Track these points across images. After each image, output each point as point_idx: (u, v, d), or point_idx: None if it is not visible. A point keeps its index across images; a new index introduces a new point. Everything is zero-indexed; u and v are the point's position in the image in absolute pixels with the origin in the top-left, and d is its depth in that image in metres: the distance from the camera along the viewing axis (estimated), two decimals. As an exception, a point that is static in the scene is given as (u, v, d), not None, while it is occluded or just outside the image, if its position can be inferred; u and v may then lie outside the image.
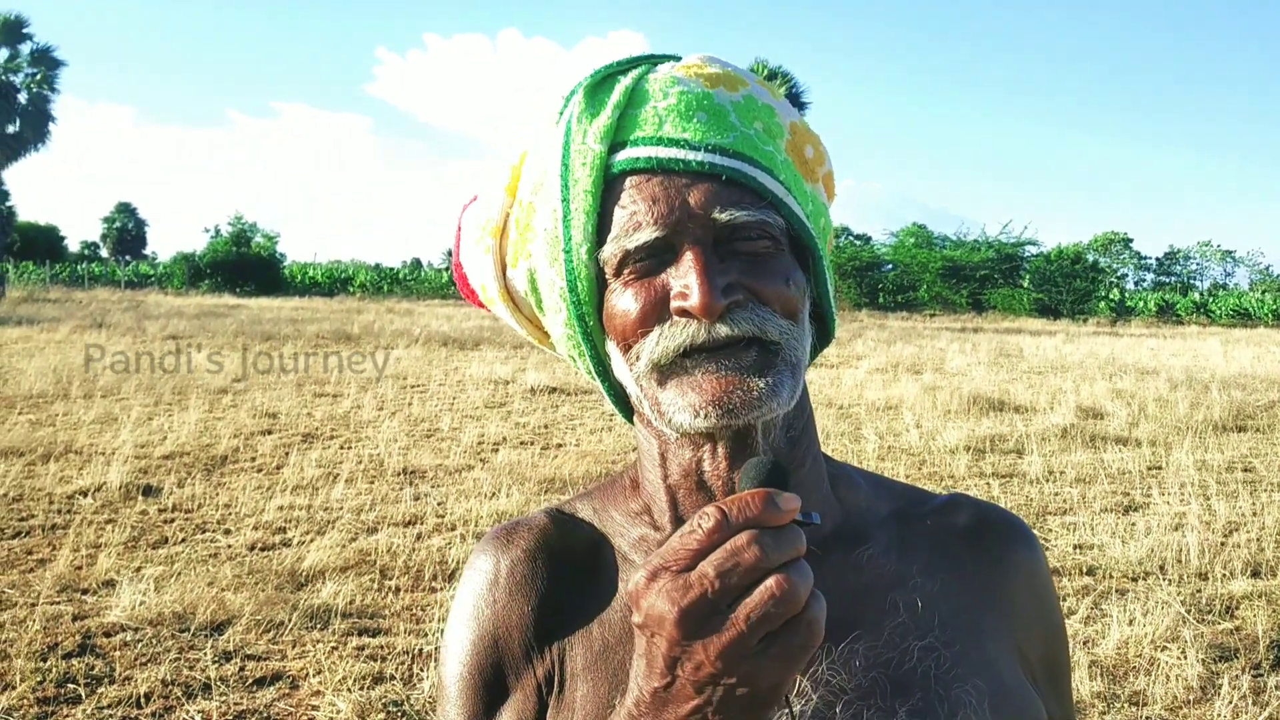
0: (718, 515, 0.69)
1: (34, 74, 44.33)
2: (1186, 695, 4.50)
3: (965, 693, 0.88)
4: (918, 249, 47.27)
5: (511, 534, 1.02)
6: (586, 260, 0.90)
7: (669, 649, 0.69)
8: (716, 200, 0.86)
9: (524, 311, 1.03)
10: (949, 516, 1.01)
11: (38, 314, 25.89)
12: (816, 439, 0.99)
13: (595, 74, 0.96)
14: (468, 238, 1.05)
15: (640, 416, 0.98)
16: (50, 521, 6.77)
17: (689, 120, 0.90)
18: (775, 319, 0.87)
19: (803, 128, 0.97)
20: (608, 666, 0.92)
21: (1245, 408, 12.80)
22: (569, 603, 0.97)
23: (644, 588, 0.70)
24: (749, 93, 0.95)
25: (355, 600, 5.41)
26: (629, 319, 0.88)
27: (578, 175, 0.90)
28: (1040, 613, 1.00)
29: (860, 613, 0.91)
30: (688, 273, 0.84)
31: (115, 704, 4.21)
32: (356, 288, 53.01)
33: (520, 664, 0.96)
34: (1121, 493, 8.32)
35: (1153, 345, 25.96)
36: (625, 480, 1.04)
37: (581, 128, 0.92)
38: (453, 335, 21.77)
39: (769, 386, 0.85)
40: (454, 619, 1.02)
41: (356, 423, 10.81)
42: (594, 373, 0.97)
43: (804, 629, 0.68)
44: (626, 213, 0.88)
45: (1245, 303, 48.56)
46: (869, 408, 12.54)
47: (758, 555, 0.67)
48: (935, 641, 0.90)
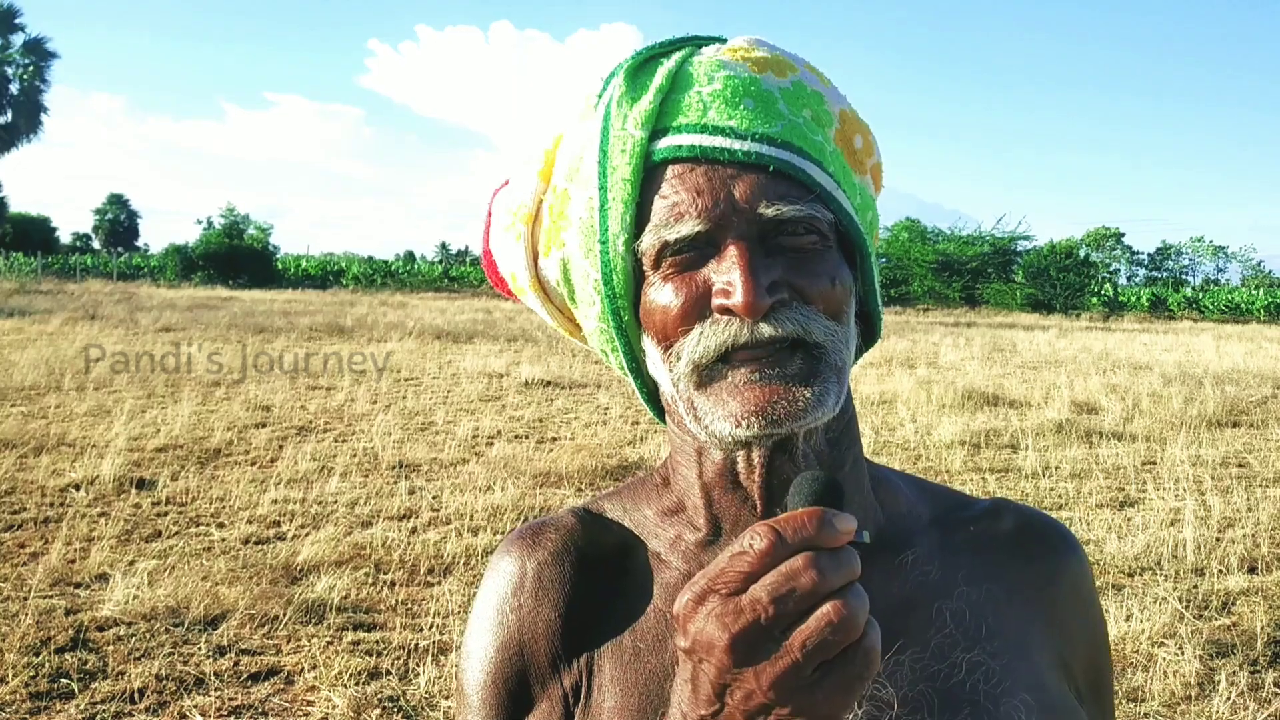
0: (771, 535, 0.64)
1: (26, 65, 44.15)
2: (1184, 691, 4.50)
3: (1014, 708, 0.84)
4: (911, 243, 47.31)
5: (538, 535, 0.97)
6: (623, 252, 0.86)
7: (718, 676, 0.66)
8: (763, 193, 0.83)
9: (555, 302, 0.98)
10: (993, 522, 0.97)
11: (29, 305, 25.79)
12: (859, 440, 0.95)
13: (636, 56, 0.91)
14: (498, 223, 1.00)
15: (673, 415, 0.94)
16: (43, 515, 6.73)
17: (735, 107, 0.86)
18: (820, 320, 0.83)
19: (852, 116, 0.94)
20: (638, 676, 0.88)
21: (1239, 403, 12.83)
22: (598, 607, 0.93)
23: (691, 610, 0.67)
24: (798, 79, 0.91)
25: (350, 595, 5.38)
26: (669, 315, 0.84)
27: (616, 162, 0.86)
28: (1086, 623, 0.97)
29: (905, 622, 0.88)
30: (731, 269, 0.81)
31: (109, 699, 4.18)
32: (350, 280, 52.92)
33: (546, 673, 0.92)
34: (1116, 488, 8.32)
35: (1145, 340, 26.00)
36: (655, 479, 1.00)
37: (621, 112, 0.87)
38: (446, 328, 21.73)
39: (815, 396, 0.81)
40: (476, 623, 0.97)
41: (351, 416, 10.77)
42: (627, 369, 0.93)
43: (861, 657, 0.64)
44: (668, 203, 0.84)
45: (1237, 298, 48.74)
46: (864, 402, 12.53)
47: (815, 580, 0.63)
48: (983, 654, 0.87)
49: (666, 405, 0.94)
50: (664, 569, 0.93)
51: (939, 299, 44.69)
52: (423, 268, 60.46)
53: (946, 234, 48.43)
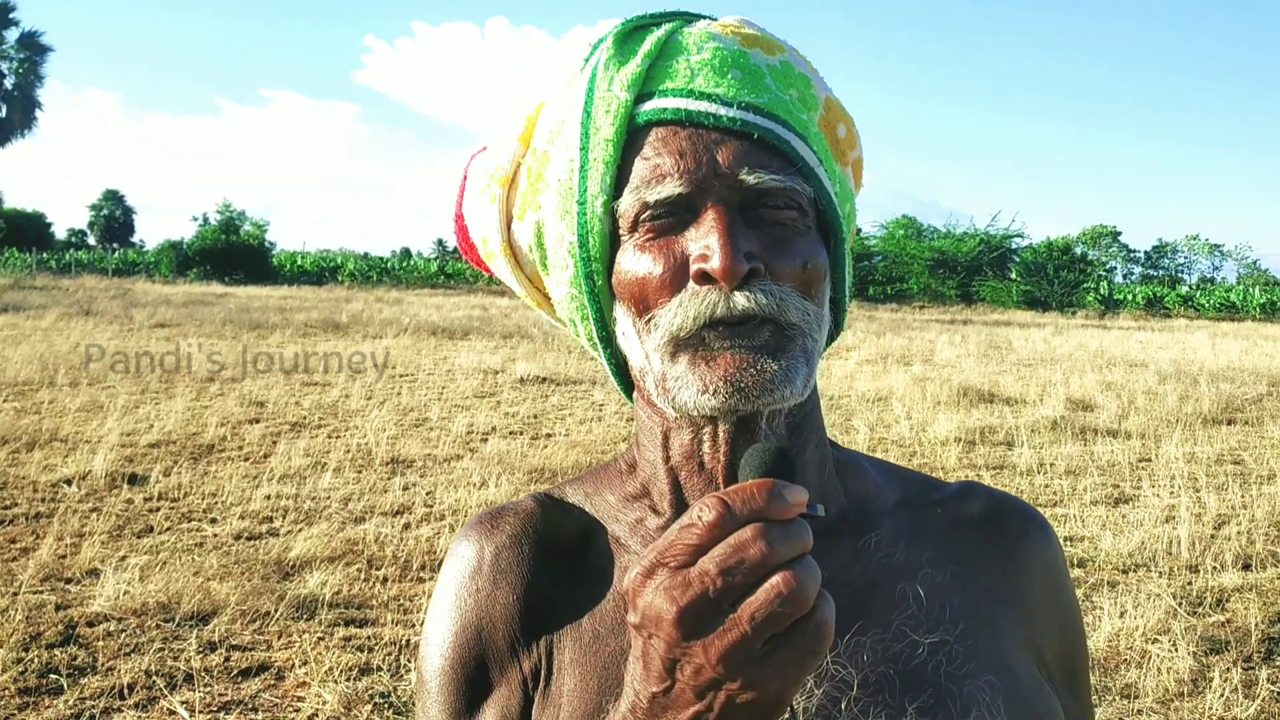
0: (719, 507, 0.63)
1: (21, 60, 44.07)
2: (1178, 688, 4.49)
3: (978, 689, 0.83)
4: (907, 240, 47.32)
5: (496, 519, 0.96)
6: (601, 214, 0.85)
7: (667, 650, 0.64)
8: (746, 160, 0.82)
9: (525, 270, 0.97)
10: (961, 505, 0.96)
11: (24, 301, 25.72)
12: (821, 425, 0.94)
13: (626, 23, 0.91)
14: (473, 186, 0.99)
15: (641, 392, 0.92)
16: (34, 510, 6.70)
17: (723, 76, 0.85)
18: (794, 299, 0.82)
19: (837, 105, 0.93)
20: (598, 659, 0.87)
21: (1234, 400, 12.83)
22: (557, 592, 0.92)
23: (640, 584, 0.65)
24: (786, 59, 0.90)
25: (342, 590, 5.36)
26: (648, 284, 0.83)
27: (600, 123, 0.85)
28: (1056, 607, 0.96)
29: (867, 604, 0.87)
30: (709, 233, 0.80)
31: (98, 695, 4.16)
32: (345, 277, 52.80)
33: (505, 657, 0.91)
34: (1111, 485, 8.32)
35: (1141, 338, 26.02)
36: (620, 464, 0.99)
37: (608, 74, 0.87)
38: (442, 325, 21.70)
39: (782, 371, 0.80)
40: (435, 609, 0.96)
41: (345, 412, 10.75)
42: (596, 339, 0.91)
43: (812, 631, 0.62)
44: (649, 164, 0.83)
45: (1233, 296, 48.77)
46: (859, 399, 12.53)
47: (763, 551, 0.62)
48: (946, 635, 0.86)
49: (635, 380, 0.92)
50: (624, 553, 0.93)
51: (935, 296, 44.71)
52: (419, 264, 60.35)
53: (942, 231, 48.45)
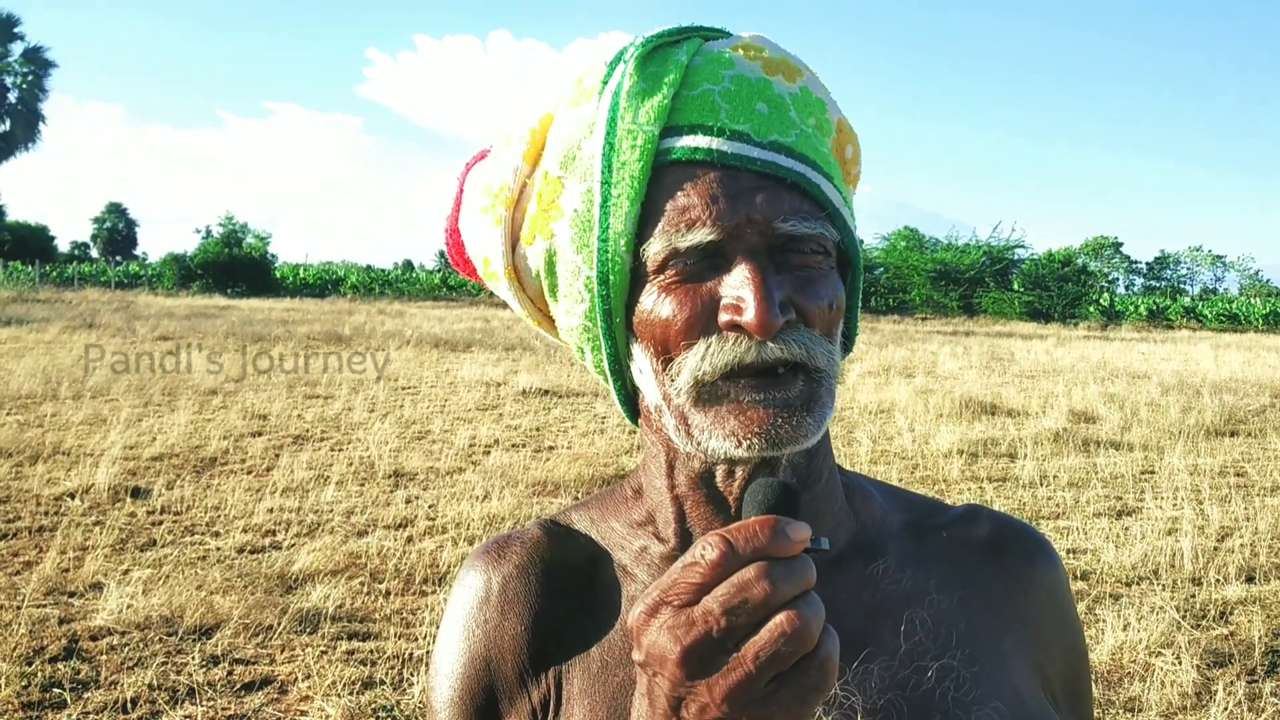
0: (722, 545, 0.63)
1: (25, 73, 44.23)
2: (1182, 701, 4.48)
3: (985, 716, 0.83)
4: (909, 252, 47.32)
5: (503, 548, 0.96)
6: (624, 252, 0.82)
7: (672, 689, 0.64)
8: (780, 208, 0.80)
9: (529, 292, 0.94)
10: (967, 529, 0.96)
11: (27, 314, 25.76)
12: (831, 451, 0.94)
13: (645, 43, 0.87)
14: (472, 202, 0.95)
15: (649, 422, 0.91)
16: (37, 523, 6.71)
17: (750, 110, 0.83)
18: (822, 344, 0.81)
19: (847, 126, 0.92)
20: (606, 689, 0.86)
21: (1237, 412, 12.81)
22: (565, 621, 0.91)
23: (644, 623, 0.65)
24: (805, 84, 0.88)
25: (345, 604, 5.36)
26: (672, 328, 0.81)
27: (625, 158, 0.82)
28: (1062, 631, 0.95)
29: (875, 630, 0.87)
30: (743, 284, 0.78)
31: (101, 709, 4.16)
32: (348, 289, 52.87)
33: (514, 688, 0.90)
34: (1114, 497, 8.31)
35: (1144, 349, 26.00)
36: (626, 489, 0.98)
37: (632, 105, 0.83)
38: (444, 337, 21.71)
39: (815, 422, 0.80)
40: (443, 639, 0.95)
41: (347, 425, 10.75)
42: (608, 370, 0.89)
43: (816, 668, 0.62)
44: (678, 207, 0.80)
45: (1236, 307, 48.75)
46: (862, 410, 12.53)
47: (767, 590, 0.62)
48: (954, 661, 0.85)
49: (645, 413, 0.91)
50: (631, 582, 0.92)
51: (937, 308, 44.70)
52: (421, 276, 60.35)
53: (944, 243, 48.45)
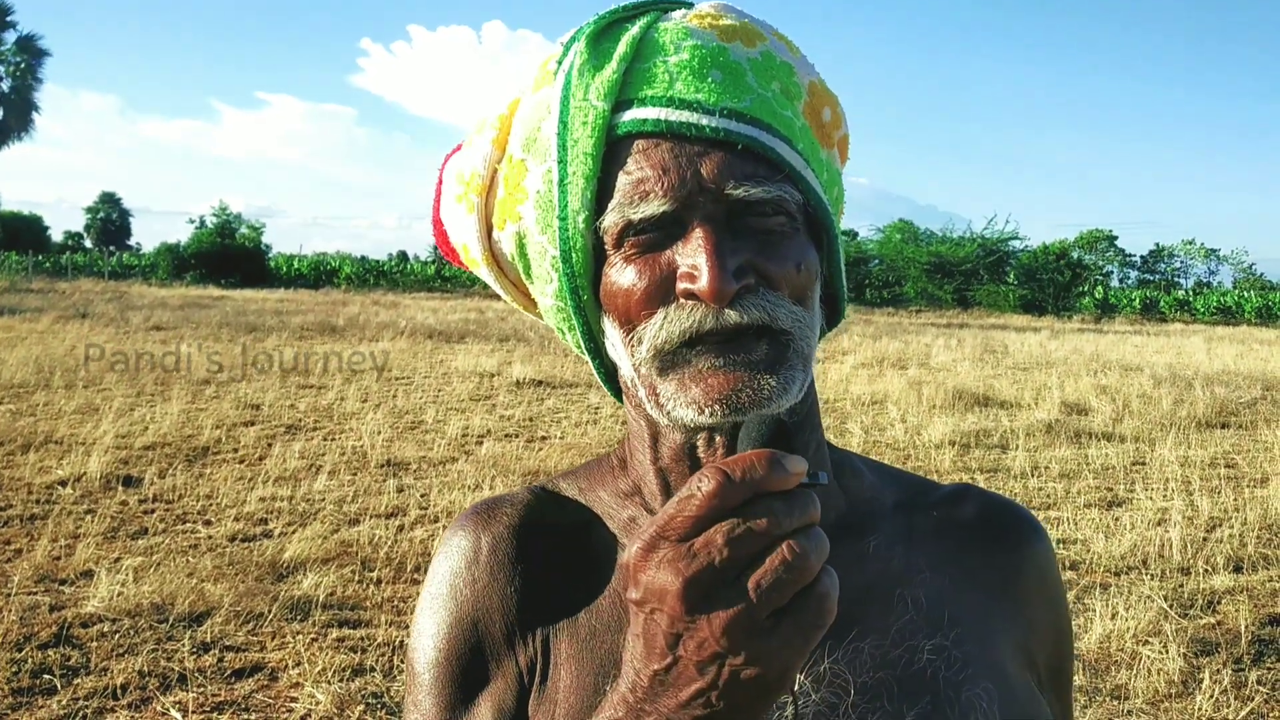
0: (719, 477, 0.61)
1: (18, 62, 44.03)
2: (1168, 689, 4.51)
3: (975, 696, 0.83)
4: (904, 244, 47.34)
5: (493, 510, 0.95)
6: (584, 229, 0.83)
7: (670, 625, 0.63)
8: (731, 173, 0.80)
9: (509, 276, 0.95)
10: (957, 507, 0.96)
11: (20, 304, 25.69)
12: (820, 426, 0.93)
13: (599, 20, 0.87)
14: (449, 192, 0.96)
15: (630, 398, 0.91)
16: (29, 512, 6.71)
17: (703, 79, 0.83)
18: (786, 305, 0.80)
19: (821, 88, 0.90)
20: (594, 655, 0.86)
21: (1228, 404, 12.85)
22: (554, 585, 0.91)
23: (641, 559, 0.64)
24: (767, 48, 0.87)
25: (336, 592, 5.37)
26: (632, 298, 0.81)
27: (577, 135, 0.83)
28: (1050, 612, 0.96)
29: (866, 608, 0.86)
30: (697, 252, 0.78)
31: (91, 695, 4.17)
32: (342, 280, 52.74)
33: (501, 649, 0.89)
34: (1105, 488, 8.34)
35: (1137, 342, 26.06)
36: (613, 460, 0.98)
37: (583, 82, 0.84)
38: (438, 328, 21.69)
39: (780, 384, 0.79)
40: (428, 600, 0.94)
41: (340, 414, 10.75)
42: (584, 348, 0.90)
43: (814, 603, 0.62)
44: (632, 180, 0.81)
45: (1229, 300, 48.86)
46: (854, 402, 12.55)
47: (767, 521, 0.61)
48: (945, 641, 0.85)
49: (624, 387, 0.92)
50: (619, 550, 0.92)
51: (932, 300, 44.73)
52: (415, 267, 60.21)
53: (939, 236, 48.48)
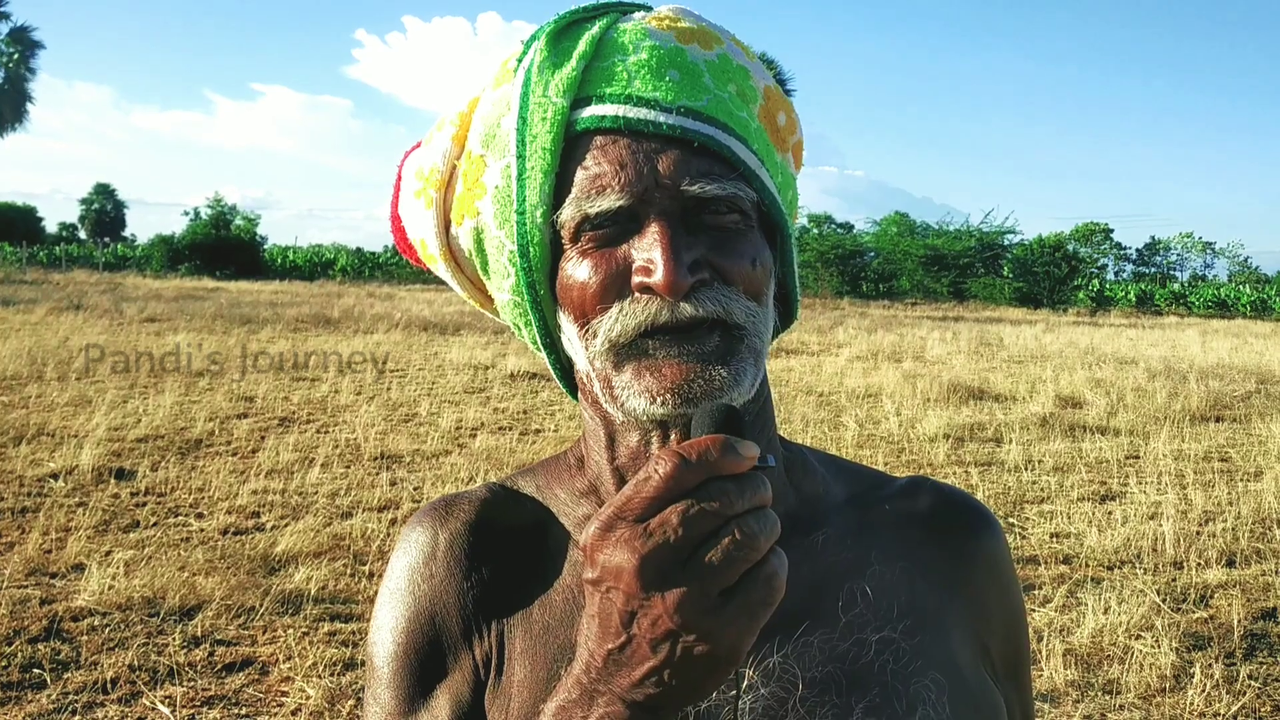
0: (675, 460, 0.64)
1: (11, 53, 43.90)
2: (1160, 684, 4.51)
3: (924, 687, 0.84)
4: (900, 237, 47.39)
5: (450, 506, 0.97)
6: (541, 224, 0.84)
7: (625, 603, 0.65)
8: (687, 170, 0.81)
9: (466, 273, 0.96)
10: (909, 501, 0.96)
11: (14, 295, 25.61)
12: (773, 422, 0.95)
13: (559, 19, 0.89)
14: (408, 187, 0.97)
15: (586, 395, 0.92)
16: (20, 504, 6.69)
17: (661, 78, 0.84)
18: (740, 300, 0.82)
19: (776, 93, 0.92)
20: (548, 650, 0.87)
21: (1222, 398, 12.87)
22: (510, 581, 0.92)
23: (599, 539, 0.66)
24: (723, 51, 0.89)
25: (328, 586, 5.36)
26: (587, 292, 0.82)
27: (536, 130, 0.84)
28: (1002, 602, 0.96)
29: (815, 602, 0.87)
30: (652, 246, 0.79)
31: (81, 689, 4.16)
32: (337, 272, 52.70)
33: (458, 642, 0.91)
34: (1099, 482, 8.34)
35: (1132, 336, 26.09)
36: (570, 458, 0.99)
37: (543, 79, 0.85)
38: (433, 320, 21.65)
39: (731, 375, 0.80)
40: (386, 594, 0.95)
41: (334, 407, 10.73)
42: (540, 344, 0.91)
43: (763, 582, 0.64)
44: (589, 175, 0.82)
45: (1224, 294, 48.93)
46: (849, 395, 12.54)
47: (721, 502, 0.64)
48: (894, 633, 0.86)
49: (580, 383, 0.93)
50: (574, 548, 0.93)
51: (927, 293, 44.77)
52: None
53: (935, 228, 48.50)
